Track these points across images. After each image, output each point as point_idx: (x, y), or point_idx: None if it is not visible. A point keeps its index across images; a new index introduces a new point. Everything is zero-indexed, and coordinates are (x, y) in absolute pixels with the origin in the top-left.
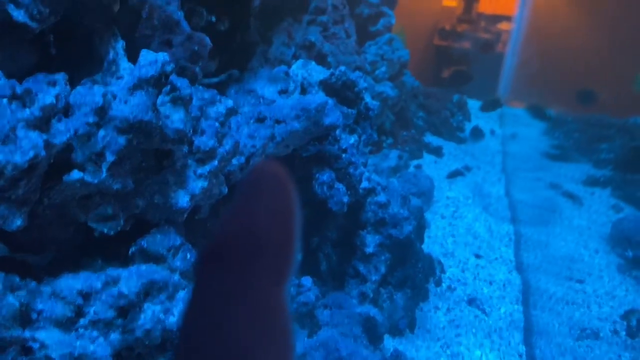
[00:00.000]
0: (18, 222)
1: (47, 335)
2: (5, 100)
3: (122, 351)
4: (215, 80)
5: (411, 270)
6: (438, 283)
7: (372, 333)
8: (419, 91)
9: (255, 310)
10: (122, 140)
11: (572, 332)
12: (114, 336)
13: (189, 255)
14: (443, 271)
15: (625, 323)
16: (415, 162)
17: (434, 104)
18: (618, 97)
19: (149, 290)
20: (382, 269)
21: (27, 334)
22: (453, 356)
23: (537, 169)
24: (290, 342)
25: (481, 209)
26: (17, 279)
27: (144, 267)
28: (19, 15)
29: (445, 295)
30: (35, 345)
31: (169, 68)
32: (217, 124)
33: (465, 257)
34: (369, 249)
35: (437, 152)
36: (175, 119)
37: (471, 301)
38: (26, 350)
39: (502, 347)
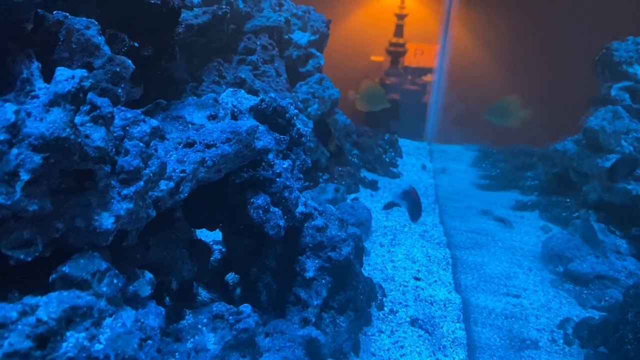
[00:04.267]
0: None
1: None
2: None
3: None
4: (140, 111)
5: (352, 293)
6: (380, 307)
7: (316, 355)
8: (352, 129)
9: None
10: (37, 158)
11: (513, 344)
12: None
13: (115, 281)
14: (384, 295)
15: (562, 332)
16: (352, 195)
17: (367, 140)
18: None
19: (72, 317)
20: (324, 293)
21: None
22: None
23: (468, 198)
24: None
25: (418, 236)
26: None
27: (65, 293)
28: None
29: (388, 318)
30: None
31: (87, 83)
32: (141, 144)
33: (405, 280)
34: (309, 274)
35: (373, 186)
36: (96, 137)
37: (414, 322)
38: None
39: None
